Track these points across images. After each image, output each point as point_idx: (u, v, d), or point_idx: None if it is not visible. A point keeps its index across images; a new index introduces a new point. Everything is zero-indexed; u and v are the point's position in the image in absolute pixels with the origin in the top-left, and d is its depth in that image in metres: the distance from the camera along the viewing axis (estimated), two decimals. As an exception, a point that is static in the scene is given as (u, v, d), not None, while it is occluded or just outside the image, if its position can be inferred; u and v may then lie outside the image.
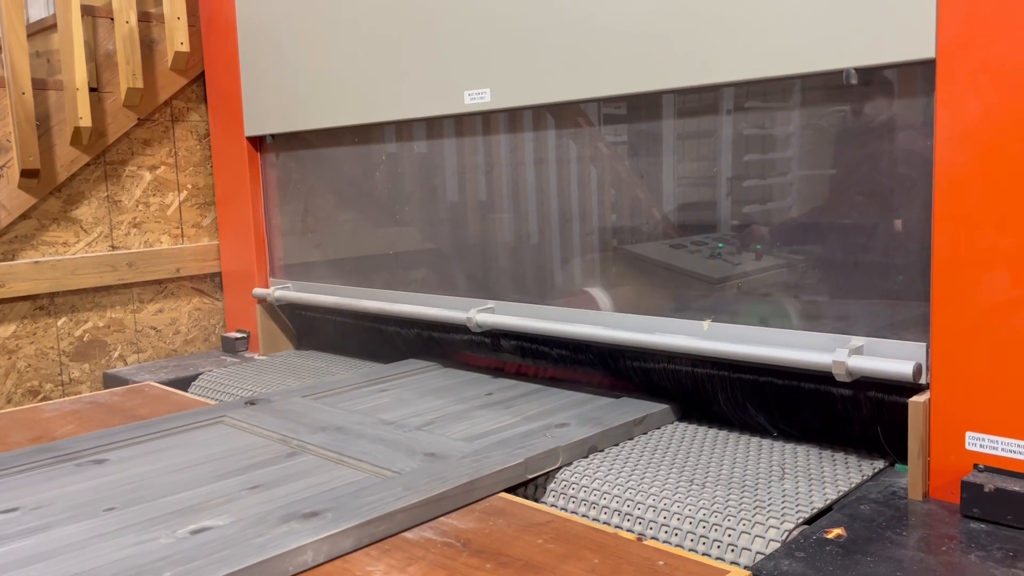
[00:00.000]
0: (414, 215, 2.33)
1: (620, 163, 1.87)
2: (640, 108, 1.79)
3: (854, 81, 1.40)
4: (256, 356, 2.71)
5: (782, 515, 1.28)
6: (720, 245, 1.70)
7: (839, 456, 1.55)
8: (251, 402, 2.00)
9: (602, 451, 1.60)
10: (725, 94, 1.63)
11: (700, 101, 1.69)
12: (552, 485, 1.50)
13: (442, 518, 1.34)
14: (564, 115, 1.93)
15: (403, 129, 2.29)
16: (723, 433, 1.70)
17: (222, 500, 1.45)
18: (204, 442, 1.78)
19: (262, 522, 1.29)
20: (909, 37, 1.32)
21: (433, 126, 2.22)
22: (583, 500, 1.44)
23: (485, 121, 2.08)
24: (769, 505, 1.32)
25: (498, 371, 2.21)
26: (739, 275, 1.66)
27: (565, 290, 1.99)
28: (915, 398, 1.36)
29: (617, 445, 1.64)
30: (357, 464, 1.57)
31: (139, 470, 1.62)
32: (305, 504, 1.35)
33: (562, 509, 1.45)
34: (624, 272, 1.88)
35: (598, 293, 1.92)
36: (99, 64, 2.64)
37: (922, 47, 1.31)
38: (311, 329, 2.74)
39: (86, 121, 2.49)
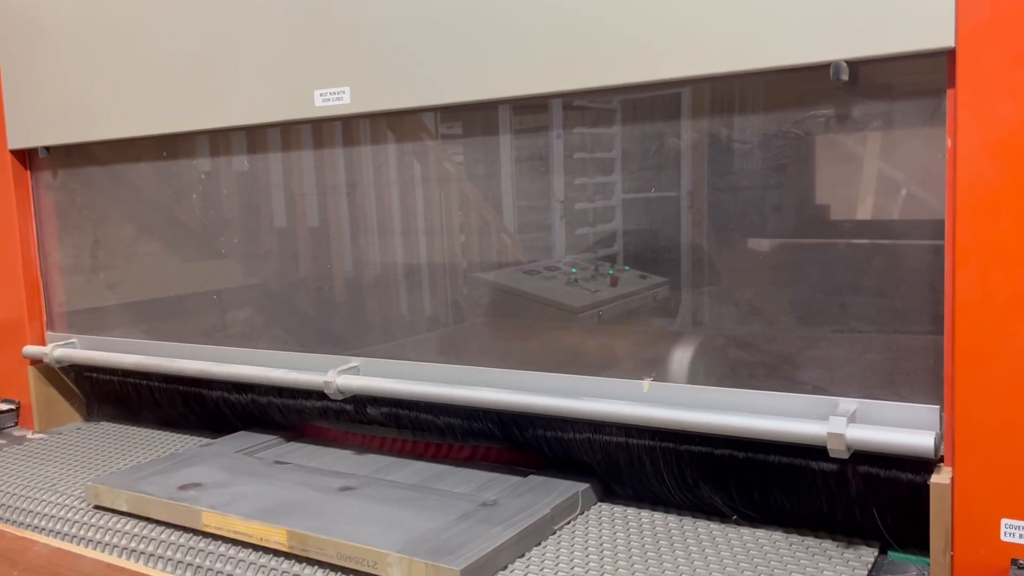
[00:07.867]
0: (244, 246, 1.83)
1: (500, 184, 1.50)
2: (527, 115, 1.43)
3: (844, 77, 1.10)
4: (29, 434, 2.07)
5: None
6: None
7: (818, 545, 1.24)
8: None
9: (508, 565, 1.20)
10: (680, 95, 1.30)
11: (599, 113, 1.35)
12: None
13: None
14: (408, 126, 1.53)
15: (232, 139, 1.80)
16: (668, 519, 1.35)
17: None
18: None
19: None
20: (919, 21, 1.04)
21: (270, 135, 1.74)
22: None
23: (344, 128, 1.63)
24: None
25: (364, 446, 1.76)
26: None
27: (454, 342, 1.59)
28: (937, 478, 1.08)
29: (534, 549, 1.24)
30: None
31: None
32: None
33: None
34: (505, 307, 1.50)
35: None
36: None
37: (938, 33, 1.03)
38: (106, 395, 2.14)
39: None
